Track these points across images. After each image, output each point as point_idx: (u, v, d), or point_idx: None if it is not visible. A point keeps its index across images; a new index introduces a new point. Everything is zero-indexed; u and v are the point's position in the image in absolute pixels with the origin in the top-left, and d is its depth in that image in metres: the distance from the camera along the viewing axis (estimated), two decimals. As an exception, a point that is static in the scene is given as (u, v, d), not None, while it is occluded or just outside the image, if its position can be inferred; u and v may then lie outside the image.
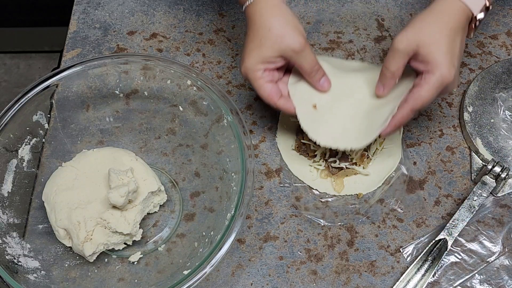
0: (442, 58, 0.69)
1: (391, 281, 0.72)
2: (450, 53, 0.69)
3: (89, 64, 0.76)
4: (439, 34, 0.70)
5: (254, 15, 0.73)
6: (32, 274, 0.69)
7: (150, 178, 0.75)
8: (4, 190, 0.73)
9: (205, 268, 0.64)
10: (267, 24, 0.72)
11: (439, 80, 0.69)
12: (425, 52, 0.70)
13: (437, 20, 0.70)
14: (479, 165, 0.80)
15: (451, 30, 0.70)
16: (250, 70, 0.73)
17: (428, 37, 0.70)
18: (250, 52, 0.72)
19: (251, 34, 0.73)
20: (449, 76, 0.69)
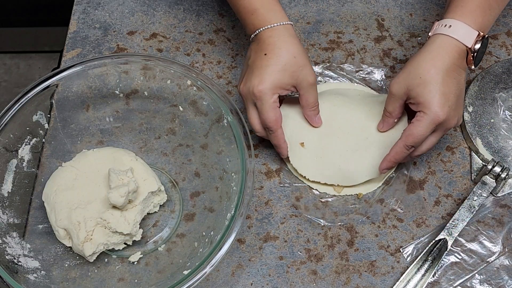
0: (432, 97, 0.70)
1: (391, 281, 0.72)
2: (441, 91, 0.70)
3: (89, 64, 0.76)
4: (428, 75, 0.70)
5: (278, 40, 0.73)
6: (32, 274, 0.69)
7: (150, 178, 0.75)
8: (4, 190, 0.73)
9: (205, 268, 0.64)
10: (292, 51, 0.73)
11: (430, 118, 0.70)
12: (415, 94, 0.71)
13: (427, 61, 0.71)
14: (479, 165, 0.80)
15: (442, 69, 0.70)
16: (268, 92, 0.73)
17: (417, 79, 0.71)
18: (271, 74, 0.72)
19: (273, 57, 0.73)
20: (442, 114, 0.70)
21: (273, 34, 0.74)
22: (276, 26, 0.74)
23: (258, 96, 0.73)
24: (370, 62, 0.88)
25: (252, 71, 0.74)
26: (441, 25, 0.72)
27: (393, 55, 0.89)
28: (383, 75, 0.87)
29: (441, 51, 0.71)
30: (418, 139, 0.71)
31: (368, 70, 0.87)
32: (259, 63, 0.73)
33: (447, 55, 0.71)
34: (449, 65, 0.71)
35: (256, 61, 0.74)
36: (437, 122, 0.70)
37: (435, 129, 0.71)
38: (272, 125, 0.74)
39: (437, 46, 0.72)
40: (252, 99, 0.74)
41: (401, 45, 0.90)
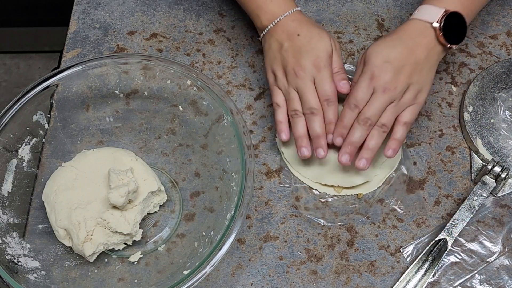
0: (375, 55, 0.74)
1: (391, 281, 0.72)
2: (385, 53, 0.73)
3: (89, 64, 0.76)
4: (380, 40, 0.76)
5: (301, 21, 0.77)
6: (32, 274, 0.69)
7: (150, 178, 0.75)
8: (4, 190, 0.73)
9: (205, 268, 0.64)
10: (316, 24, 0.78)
11: (365, 74, 0.73)
12: (365, 55, 0.75)
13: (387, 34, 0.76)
14: (479, 165, 0.80)
15: (394, 38, 0.75)
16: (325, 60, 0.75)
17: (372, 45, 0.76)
18: (318, 45, 0.75)
19: (309, 34, 0.76)
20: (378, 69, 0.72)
21: (295, 18, 0.77)
22: (295, 12, 0.78)
23: (319, 67, 0.74)
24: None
25: (299, 51, 0.75)
26: (415, 11, 0.77)
27: (393, 55, 0.89)
28: (383, 75, 0.87)
29: (403, 27, 0.76)
30: (357, 95, 0.73)
31: (368, 70, 0.87)
32: (300, 42, 0.76)
33: (406, 32, 0.75)
34: (404, 39, 0.74)
35: (295, 43, 0.76)
36: (373, 77, 0.73)
37: (374, 87, 0.73)
38: (333, 93, 0.75)
39: (402, 26, 0.77)
40: (313, 73, 0.75)
41: (401, 45, 0.90)
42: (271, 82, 0.78)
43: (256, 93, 0.86)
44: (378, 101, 0.73)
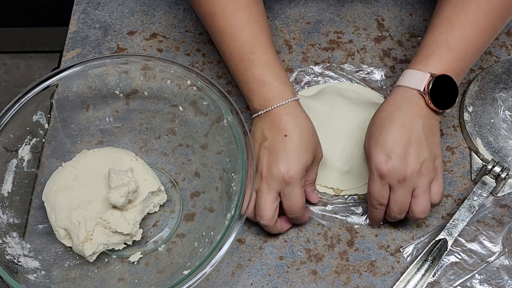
0: (373, 150, 0.69)
1: (391, 281, 0.72)
2: (380, 143, 0.68)
3: (89, 64, 0.76)
4: (373, 127, 0.70)
5: (295, 117, 0.70)
6: (32, 274, 0.69)
7: (150, 178, 0.75)
8: (4, 190, 0.73)
9: (205, 268, 0.64)
10: (309, 129, 0.71)
11: (373, 173, 0.68)
12: (366, 149, 0.71)
13: (377, 115, 0.71)
14: (479, 165, 0.80)
15: (386, 119, 0.69)
16: (299, 177, 0.69)
17: (367, 133, 0.71)
18: (298, 158, 0.69)
19: (296, 138, 0.69)
20: (383, 166, 0.67)
21: (289, 112, 0.71)
22: (291, 102, 0.71)
23: (289, 182, 0.69)
24: (370, 62, 0.88)
25: (276, 156, 0.69)
26: (399, 78, 0.73)
27: (393, 55, 0.89)
28: (383, 75, 0.87)
29: (390, 101, 0.71)
30: (376, 196, 0.69)
31: (368, 70, 0.87)
32: (282, 146, 0.69)
33: (394, 104, 0.70)
34: (395, 116, 0.69)
35: (276, 144, 0.70)
36: (382, 175, 0.68)
37: (390, 183, 0.68)
38: (300, 209, 0.71)
39: (388, 98, 0.72)
40: (280, 185, 0.69)
41: (401, 45, 0.90)
42: None
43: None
44: (400, 195, 0.69)
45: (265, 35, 0.74)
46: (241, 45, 0.73)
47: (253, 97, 0.73)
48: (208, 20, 0.76)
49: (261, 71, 0.72)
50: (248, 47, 0.73)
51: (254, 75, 0.72)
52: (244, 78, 0.73)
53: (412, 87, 0.70)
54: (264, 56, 0.73)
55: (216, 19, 0.75)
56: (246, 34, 0.73)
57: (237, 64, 0.74)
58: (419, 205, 0.69)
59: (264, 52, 0.73)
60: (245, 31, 0.73)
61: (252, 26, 0.74)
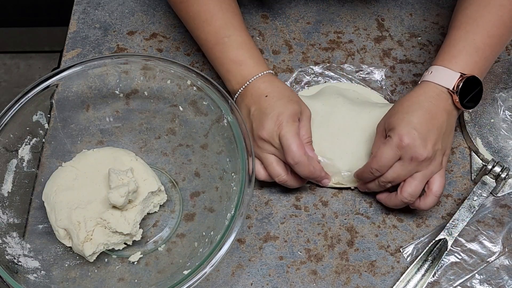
0: (399, 123, 0.70)
1: (391, 281, 0.72)
2: (409, 120, 0.69)
3: (89, 64, 0.76)
4: (400, 107, 0.72)
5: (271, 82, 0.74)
6: (32, 274, 0.69)
7: (150, 178, 0.75)
8: (4, 190, 0.73)
9: (205, 268, 0.64)
10: (288, 89, 0.75)
11: (394, 141, 0.69)
12: (388, 124, 0.72)
13: (404, 100, 0.73)
14: (479, 165, 0.80)
15: (415, 103, 0.71)
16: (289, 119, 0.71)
17: (392, 111, 0.73)
18: (283, 106, 0.71)
19: (276, 94, 0.73)
20: (406, 138, 0.68)
21: (265, 80, 0.75)
22: (266, 73, 0.75)
23: (282, 127, 0.70)
24: (370, 62, 0.88)
25: (263, 114, 0.72)
26: (427, 73, 0.74)
27: (393, 55, 0.89)
28: (383, 75, 0.87)
29: (419, 91, 0.73)
30: (381, 162, 0.70)
31: (368, 70, 0.87)
32: (265, 104, 0.72)
33: (423, 95, 0.72)
34: (424, 102, 0.71)
35: (260, 106, 0.73)
36: (400, 146, 0.69)
37: (401, 156, 0.70)
38: (301, 155, 0.71)
39: (418, 92, 0.73)
40: (275, 139, 0.71)
41: (401, 45, 0.90)
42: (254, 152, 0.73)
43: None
44: (404, 169, 0.70)
45: (238, 19, 0.78)
46: (216, 29, 0.76)
47: (230, 77, 0.76)
48: (181, 7, 0.79)
49: (237, 52, 0.76)
50: (223, 31, 0.76)
51: (229, 57, 0.76)
52: (220, 60, 0.77)
53: (442, 84, 0.72)
54: (238, 38, 0.76)
55: (189, 6, 0.78)
56: (219, 18, 0.77)
57: (212, 48, 0.77)
58: (412, 187, 0.71)
59: (238, 34, 0.76)
60: (218, 15, 0.77)
61: (225, 12, 0.77)
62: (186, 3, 0.78)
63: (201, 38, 0.78)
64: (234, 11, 0.78)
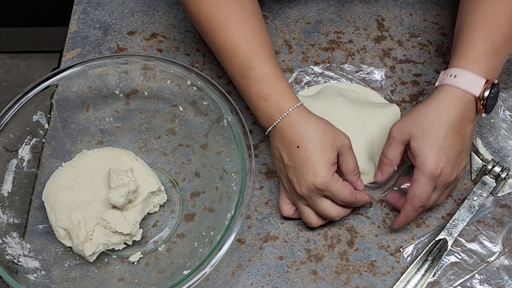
0: (429, 153, 0.68)
1: (391, 281, 0.72)
2: (440, 147, 0.68)
3: (89, 64, 0.76)
4: (431, 128, 0.68)
5: (300, 125, 0.70)
6: (32, 274, 0.69)
7: (150, 178, 0.75)
8: (4, 190, 0.73)
9: (205, 268, 0.64)
10: (318, 128, 0.70)
11: (426, 176, 0.68)
12: (415, 145, 0.69)
13: (433, 113, 0.69)
14: (479, 165, 0.80)
15: (447, 122, 0.68)
16: (329, 176, 0.69)
17: (418, 129, 0.69)
18: (318, 161, 0.68)
19: (308, 144, 0.69)
20: (436, 170, 0.67)
21: (293, 122, 0.70)
22: (291, 112, 0.70)
23: (324, 187, 0.68)
24: (370, 62, 0.88)
25: (299, 170, 0.69)
26: (447, 75, 0.70)
27: (393, 55, 0.89)
28: (383, 75, 0.87)
29: (447, 102, 0.69)
30: (423, 198, 0.69)
31: (368, 70, 0.87)
32: (299, 158, 0.69)
33: (453, 107, 0.69)
34: (454, 119, 0.68)
35: (294, 159, 0.70)
36: (434, 177, 0.68)
37: (436, 185, 0.69)
38: (352, 196, 0.71)
39: (443, 98, 0.69)
40: (319, 193, 0.69)
41: (401, 45, 0.90)
42: (281, 188, 0.74)
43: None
44: (439, 194, 0.71)
45: (264, 48, 0.74)
46: (241, 60, 0.73)
47: (258, 113, 0.73)
48: (208, 37, 0.76)
49: (260, 86, 0.72)
50: (248, 62, 0.72)
51: (254, 91, 0.72)
52: (246, 94, 0.74)
53: (469, 91, 0.69)
54: (262, 69, 0.72)
55: (216, 36, 0.75)
56: (245, 49, 0.73)
57: (239, 81, 0.74)
58: (439, 201, 0.73)
59: (262, 65, 0.72)
60: (244, 46, 0.73)
61: (251, 41, 0.73)
62: (212, 33, 0.75)
63: (229, 70, 0.75)
64: (260, 39, 0.74)
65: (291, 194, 0.72)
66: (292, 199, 0.73)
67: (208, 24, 0.75)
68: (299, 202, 0.72)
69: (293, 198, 0.72)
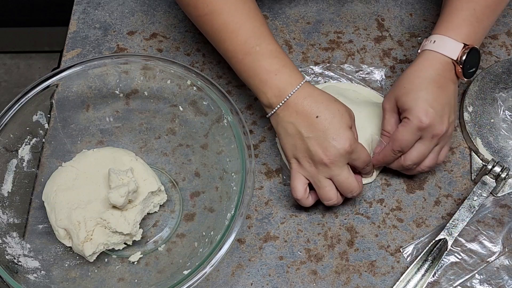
0: (415, 104, 0.71)
1: (391, 281, 0.72)
2: (423, 98, 0.71)
3: (89, 64, 0.76)
4: (412, 84, 0.72)
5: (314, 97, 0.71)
6: (32, 274, 0.69)
7: (150, 178, 0.75)
8: (4, 190, 0.73)
9: (205, 268, 0.64)
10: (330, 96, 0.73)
11: (413, 123, 0.70)
12: (401, 103, 0.72)
13: (411, 72, 0.74)
14: (479, 165, 0.80)
15: (426, 78, 0.72)
16: (354, 140, 0.71)
17: (402, 89, 0.73)
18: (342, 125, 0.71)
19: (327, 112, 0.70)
20: (425, 119, 0.70)
21: (308, 94, 0.71)
22: (304, 84, 0.72)
23: (353, 148, 0.70)
24: (370, 62, 0.88)
25: (323, 138, 0.70)
26: (428, 41, 0.75)
27: (393, 55, 0.89)
28: (383, 75, 0.87)
29: (425, 63, 0.74)
30: (403, 144, 0.72)
31: (368, 70, 0.87)
32: (321, 127, 0.70)
33: (430, 67, 0.73)
34: (433, 76, 0.72)
35: (315, 129, 0.70)
36: (421, 127, 0.70)
37: (422, 135, 0.71)
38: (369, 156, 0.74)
39: (422, 60, 0.74)
40: (346, 158, 0.71)
41: (401, 45, 0.90)
42: (295, 168, 0.73)
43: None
44: (425, 147, 0.73)
45: (266, 28, 0.75)
46: (245, 39, 0.73)
47: (265, 88, 0.72)
48: (205, 20, 0.76)
49: (270, 61, 0.72)
50: (253, 40, 0.73)
51: (263, 66, 0.72)
52: (252, 71, 0.73)
53: (446, 54, 0.73)
54: (269, 46, 0.73)
55: (215, 18, 0.74)
56: (248, 28, 0.74)
57: (242, 59, 0.73)
58: (431, 161, 0.74)
59: (268, 42, 0.73)
60: (247, 25, 0.74)
61: (252, 21, 0.74)
62: (210, 15, 0.75)
63: (229, 50, 0.74)
64: (261, 20, 0.75)
65: (310, 169, 0.72)
66: (311, 175, 0.72)
67: (207, 7, 0.75)
68: (320, 176, 0.71)
69: (313, 173, 0.72)
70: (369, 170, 0.76)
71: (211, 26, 0.75)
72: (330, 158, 0.70)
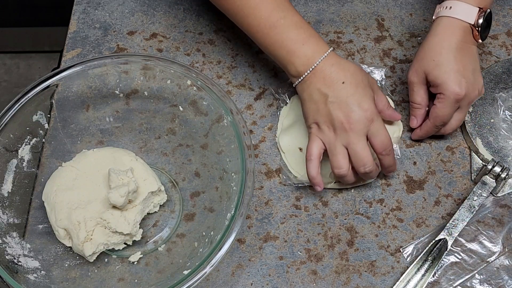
0: (448, 77, 0.74)
1: (391, 281, 0.72)
2: (455, 69, 0.74)
3: (89, 64, 0.76)
4: (440, 57, 0.75)
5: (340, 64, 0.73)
6: (32, 274, 0.69)
7: (150, 178, 0.75)
8: (4, 190, 0.73)
9: (205, 268, 0.64)
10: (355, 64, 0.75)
11: (451, 98, 0.74)
12: (433, 77, 0.75)
13: (436, 43, 0.76)
14: (479, 165, 0.80)
15: (451, 48, 0.75)
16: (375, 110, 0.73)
17: (430, 63, 0.76)
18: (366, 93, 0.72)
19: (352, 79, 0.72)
20: (460, 90, 0.74)
21: (335, 61, 0.73)
22: (330, 53, 0.73)
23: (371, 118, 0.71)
24: (370, 62, 0.88)
25: (346, 103, 0.71)
26: (443, 8, 0.77)
27: (393, 55, 0.89)
28: (383, 75, 0.87)
29: (446, 32, 0.76)
30: (445, 118, 0.76)
31: (368, 70, 0.87)
32: (346, 93, 0.71)
33: (452, 35, 0.75)
34: (457, 43, 0.75)
35: (340, 94, 0.71)
36: (458, 99, 0.74)
37: (459, 105, 0.76)
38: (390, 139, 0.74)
39: (441, 29, 0.76)
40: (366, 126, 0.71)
41: (401, 45, 0.90)
42: (313, 132, 0.73)
43: (256, 93, 0.86)
44: (463, 114, 0.78)
45: (288, 1, 0.76)
46: (269, 12, 0.74)
47: (293, 58, 0.73)
48: None
49: (296, 32, 0.74)
50: (276, 13, 0.74)
51: (290, 37, 0.74)
52: (279, 43, 0.74)
53: (464, 19, 0.75)
54: (294, 17, 0.75)
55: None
56: (270, 2, 0.75)
57: (268, 32, 0.75)
58: (458, 123, 0.79)
59: (293, 14, 0.75)
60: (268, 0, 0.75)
61: None
62: None
63: (253, 25, 0.75)
64: None
65: (329, 134, 0.72)
66: (328, 141, 0.72)
67: None
68: (337, 142, 0.72)
69: (331, 138, 0.72)
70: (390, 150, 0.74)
71: (233, 3, 0.76)
72: (351, 124, 0.71)
